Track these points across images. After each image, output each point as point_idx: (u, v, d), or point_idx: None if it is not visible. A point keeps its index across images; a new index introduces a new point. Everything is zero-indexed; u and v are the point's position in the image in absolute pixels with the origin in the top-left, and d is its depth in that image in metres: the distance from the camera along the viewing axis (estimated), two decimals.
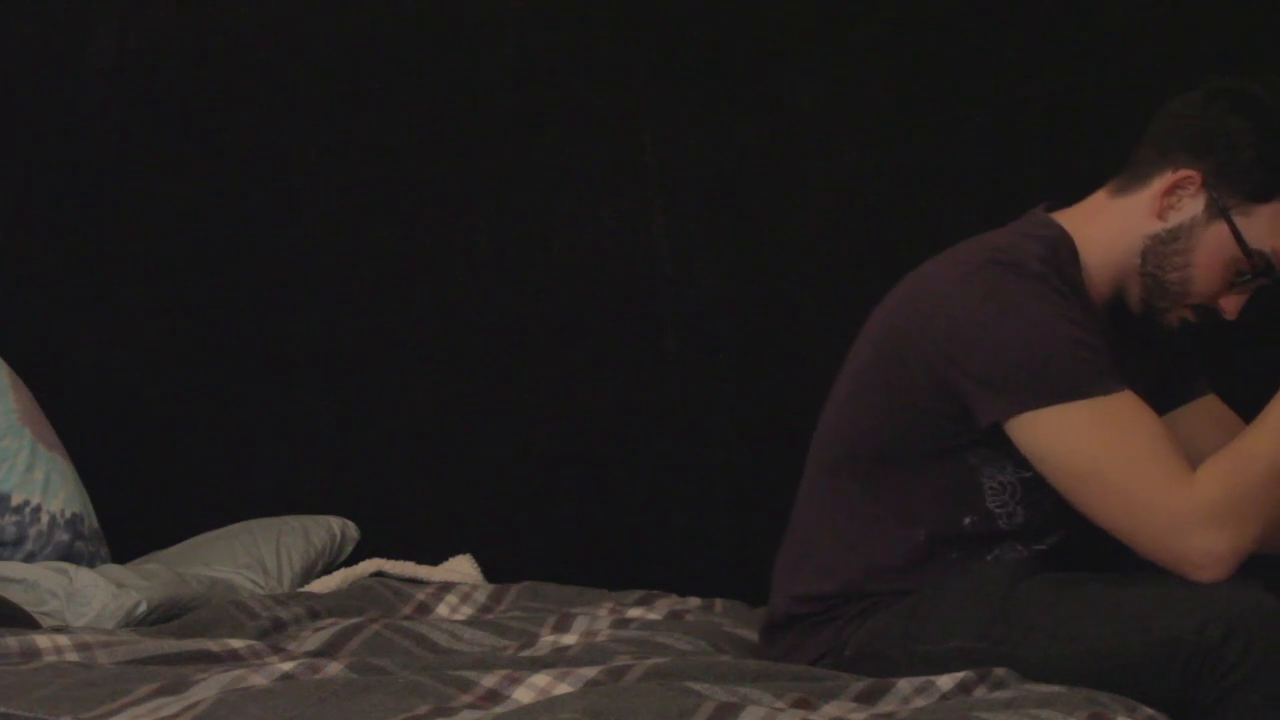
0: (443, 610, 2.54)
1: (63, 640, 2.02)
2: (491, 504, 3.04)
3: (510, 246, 3.03)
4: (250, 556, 2.77)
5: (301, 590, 2.64)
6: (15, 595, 2.43)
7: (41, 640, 2.01)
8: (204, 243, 3.14)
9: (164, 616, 2.47)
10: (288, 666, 1.89)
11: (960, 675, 1.90)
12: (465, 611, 2.54)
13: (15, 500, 2.75)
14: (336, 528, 2.93)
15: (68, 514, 2.78)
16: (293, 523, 2.89)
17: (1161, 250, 2.14)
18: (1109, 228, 2.17)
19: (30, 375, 2.92)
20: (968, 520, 2.12)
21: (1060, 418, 2.02)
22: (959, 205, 2.84)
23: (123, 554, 2.86)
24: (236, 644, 2.07)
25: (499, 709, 1.78)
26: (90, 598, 2.46)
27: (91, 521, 2.83)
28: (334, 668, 1.91)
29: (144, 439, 3.15)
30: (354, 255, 3.09)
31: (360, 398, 3.09)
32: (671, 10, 2.95)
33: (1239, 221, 2.11)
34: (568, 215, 3.00)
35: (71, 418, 2.94)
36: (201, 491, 3.12)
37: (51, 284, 3.17)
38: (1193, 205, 2.13)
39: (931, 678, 1.90)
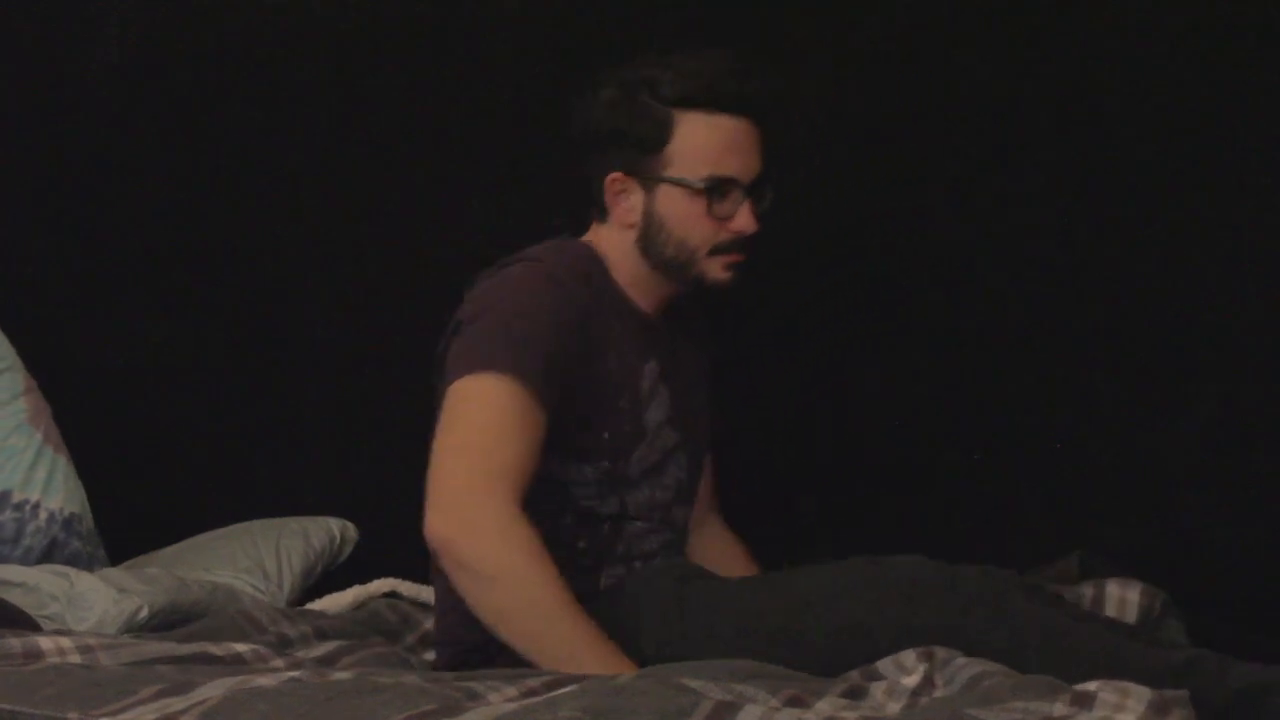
0: None
1: (65, 642, 2.02)
2: None
3: (510, 246, 3.02)
4: (250, 560, 2.76)
5: (311, 607, 2.63)
6: (15, 598, 2.43)
7: (44, 642, 2.00)
8: (204, 243, 3.14)
9: (165, 622, 2.45)
10: (294, 671, 1.89)
11: (908, 662, 1.92)
12: None
13: (15, 498, 2.75)
14: (336, 529, 2.93)
15: (66, 513, 2.78)
16: (292, 524, 2.89)
17: (648, 243, 2.29)
18: (613, 251, 2.31)
19: (30, 375, 2.92)
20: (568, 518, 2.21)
21: (469, 384, 2.13)
22: (959, 205, 2.84)
23: (122, 554, 2.86)
24: (241, 648, 2.07)
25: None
26: (91, 602, 2.45)
27: (88, 521, 2.83)
28: (340, 674, 1.91)
29: (144, 439, 3.15)
30: (354, 255, 3.09)
31: (360, 398, 3.09)
32: (671, 10, 2.95)
33: (669, 174, 2.24)
34: (567, 215, 2.99)
35: (71, 418, 2.94)
36: (201, 491, 3.12)
37: (51, 284, 3.17)
38: (634, 193, 2.27)
39: (896, 678, 1.91)
